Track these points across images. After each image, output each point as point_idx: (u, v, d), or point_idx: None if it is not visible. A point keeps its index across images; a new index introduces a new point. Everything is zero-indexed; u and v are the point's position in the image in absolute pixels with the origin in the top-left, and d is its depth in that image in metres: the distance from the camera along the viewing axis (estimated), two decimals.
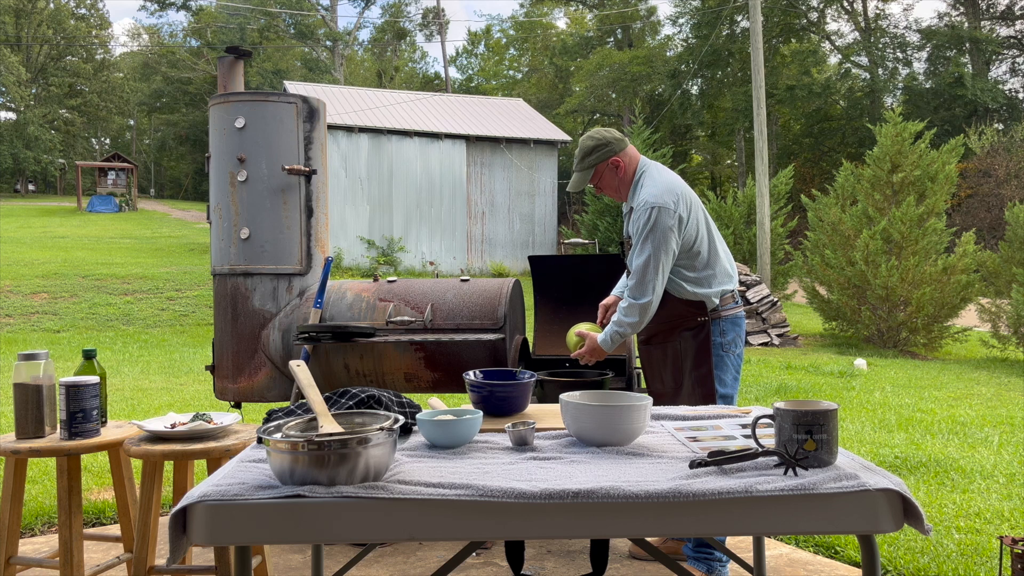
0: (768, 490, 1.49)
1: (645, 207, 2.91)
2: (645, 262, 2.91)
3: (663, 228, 2.88)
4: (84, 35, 49.53)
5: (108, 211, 31.05)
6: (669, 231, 2.89)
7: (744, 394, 7.55)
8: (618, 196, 3.09)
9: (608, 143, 3.03)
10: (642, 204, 2.93)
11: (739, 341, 3.06)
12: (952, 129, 26.90)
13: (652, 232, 2.89)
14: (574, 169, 3.09)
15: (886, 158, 12.20)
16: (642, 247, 2.92)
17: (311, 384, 1.85)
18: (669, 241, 2.90)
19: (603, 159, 3.02)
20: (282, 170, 3.52)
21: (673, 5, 37.23)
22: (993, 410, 6.80)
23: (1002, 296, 11.56)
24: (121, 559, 2.87)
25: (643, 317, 2.94)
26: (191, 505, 1.47)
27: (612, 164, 3.02)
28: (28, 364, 2.52)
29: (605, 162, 3.02)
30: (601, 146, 3.03)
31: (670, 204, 2.90)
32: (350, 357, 3.49)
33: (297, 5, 41.58)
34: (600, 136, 3.05)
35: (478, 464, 1.71)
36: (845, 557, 3.32)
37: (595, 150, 3.03)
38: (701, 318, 2.99)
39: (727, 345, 3.01)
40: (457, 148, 20.83)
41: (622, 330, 2.96)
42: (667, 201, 2.90)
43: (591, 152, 3.02)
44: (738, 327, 3.05)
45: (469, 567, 3.13)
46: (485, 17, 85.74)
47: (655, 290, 2.92)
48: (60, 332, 12.30)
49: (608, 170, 3.03)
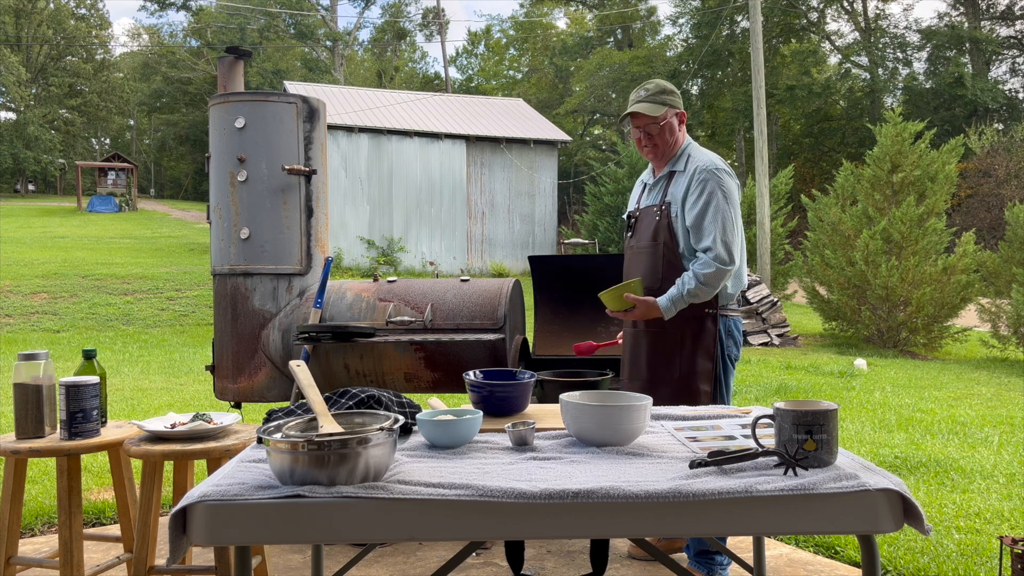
0: (768, 490, 1.49)
1: (710, 170, 2.78)
2: (722, 226, 2.73)
3: (731, 190, 2.78)
4: (84, 35, 49.53)
5: (108, 211, 31.05)
6: (735, 194, 2.79)
7: (744, 394, 7.55)
8: (657, 155, 2.90)
9: (679, 96, 2.91)
10: (704, 167, 2.79)
11: (739, 344, 2.97)
12: (952, 129, 26.91)
13: (724, 195, 2.75)
14: (645, 99, 2.86)
15: (886, 158, 12.20)
16: (715, 211, 2.74)
17: (311, 384, 1.85)
18: (737, 205, 2.79)
19: (675, 106, 2.88)
20: (282, 170, 3.52)
21: (673, 5, 37.25)
22: (993, 410, 6.80)
23: (1002, 296, 11.56)
24: (121, 559, 2.87)
25: (720, 284, 2.75)
26: (191, 505, 1.47)
27: (679, 116, 2.89)
28: (28, 364, 2.52)
29: (675, 109, 2.88)
30: (676, 94, 2.90)
31: (729, 169, 2.84)
32: (350, 357, 3.49)
33: (297, 5, 41.58)
34: (674, 87, 2.92)
35: (478, 464, 1.71)
36: (845, 557, 3.32)
37: (672, 93, 2.88)
38: (710, 310, 2.84)
39: (729, 346, 2.91)
40: (457, 148, 20.83)
41: (696, 293, 2.74)
42: (726, 167, 2.83)
43: (669, 92, 2.88)
44: (739, 330, 2.97)
45: (469, 567, 3.13)
46: (485, 17, 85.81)
47: (741, 256, 2.77)
48: (60, 332, 12.30)
49: (671, 120, 2.87)
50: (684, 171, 2.86)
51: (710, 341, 2.85)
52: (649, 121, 2.85)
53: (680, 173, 2.86)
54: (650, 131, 2.85)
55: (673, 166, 2.90)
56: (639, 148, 2.93)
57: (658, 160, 2.93)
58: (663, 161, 2.92)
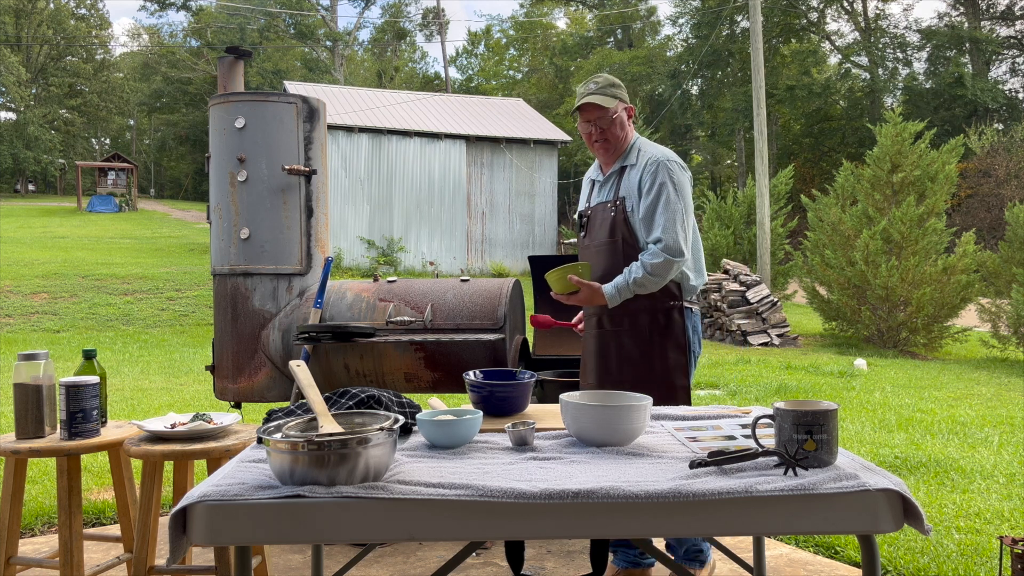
0: (768, 490, 1.49)
1: (663, 161, 2.76)
2: (672, 217, 2.70)
3: (682, 183, 2.75)
4: (84, 35, 49.55)
5: (108, 211, 31.06)
6: (687, 187, 2.77)
7: (744, 394, 7.55)
8: (608, 149, 2.85)
9: (626, 91, 2.88)
10: (656, 159, 2.77)
11: (700, 340, 2.93)
12: (952, 129, 26.92)
13: (675, 187, 2.73)
14: (596, 92, 2.81)
15: (886, 158, 12.20)
16: (665, 203, 2.71)
17: (311, 384, 1.85)
18: (688, 197, 2.76)
19: (624, 100, 2.85)
20: (282, 170, 3.52)
21: (673, 5, 37.28)
22: (993, 410, 6.80)
23: (1002, 296, 11.56)
24: (121, 559, 2.87)
25: (668, 276, 2.71)
26: (191, 505, 1.47)
27: (627, 112, 2.86)
28: (28, 364, 2.52)
29: (624, 103, 2.85)
30: (623, 89, 2.88)
31: (682, 162, 2.82)
32: (350, 357, 3.49)
33: (297, 5, 41.59)
34: (621, 82, 2.90)
35: (478, 464, 1.71)
36: (845, 557, 3.32)
37: (620, 87, 2.85)
38: (675, 303, 2.79)
39: (694, 341, 2.86)
40: (457, 148, 20.83)
41: (643, 283, 2.70)
42: (678, 159, 2.81)
43: (617, 86, 2.86)
44: (700, 326, 2.93)
45: (469, 567, 3.13)
46: (485, 17, 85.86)
47: (689, 249, 2.74)
48: (60, 332, 12.30)
49: (621, 114, 2.83)
50: (636, 164, 2.82)
51: (679, 334, 2.80)
52: (600, 114, 2.79)
53: (632, 167, 2.83)
54: (601, 125, 2.80)
55: (624, 161, 2.86)
56: (589, 144, 2.88)
57: (608, 155, 2.87)
58: (613, 156, 2.87)
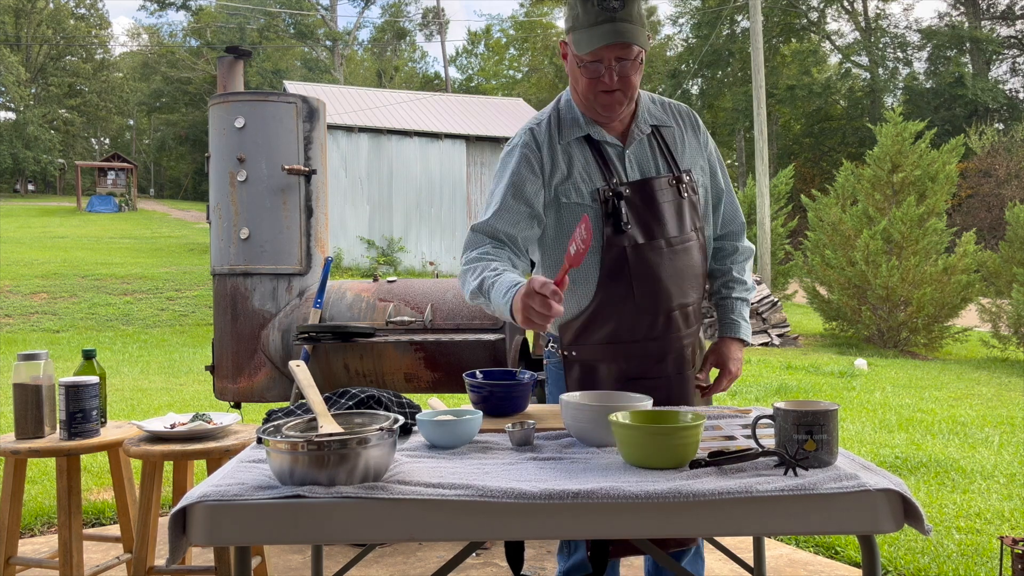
0: (768, 490, 1.49)
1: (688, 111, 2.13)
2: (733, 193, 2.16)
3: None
4: (84, 35, 49.56)
5: (108, 211, 31.05)
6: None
7: (744, 394, 7.55)
8: (620, 104, 1.96)
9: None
10: (679, 107, 2.13)
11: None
12: (952, 129, 26.92)
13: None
14: (628, 21, 1.84)
15: (886, 158, 12.21)
16: (724, 171, 2.13)
17: (311, 384, 1.85)
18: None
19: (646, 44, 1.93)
20: (282, 170, 3.52)
21: (673, 5, 37.31)
22: (993, 410, 6.80)
23: (1002, 296, 11.56)
24: (121, 559, 2.87)
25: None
26: (191, 505, 1.47)
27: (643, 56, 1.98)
28: (28, 364, 2.51)
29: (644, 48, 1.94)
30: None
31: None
32: (350, 357, 3.48)
33: (297, 5, 41.61)
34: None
35: (478, 464, 1.71)
36: (845, 557, 3.31)
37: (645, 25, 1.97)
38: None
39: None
40: (457, 148, 20.83)
41: (750, 297, 2.17)
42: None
43: (646, 11, 2.31)
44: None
45: (469, 567, 3.13)
46: (485, 17, 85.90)
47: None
48: (60, 332, 12.30)
49: (641, 59, 1.95)
50: (667, 116, 2.07)
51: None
52: (628, 53, 1.88)
53: (665, 127, 2.06)
54: (626, 71, 1.90)
55: (641, 116, 2.04)
56: (590, 92, 1.96)
57: (615, 111, 1.97)
58: (621, 113, 2.00)
